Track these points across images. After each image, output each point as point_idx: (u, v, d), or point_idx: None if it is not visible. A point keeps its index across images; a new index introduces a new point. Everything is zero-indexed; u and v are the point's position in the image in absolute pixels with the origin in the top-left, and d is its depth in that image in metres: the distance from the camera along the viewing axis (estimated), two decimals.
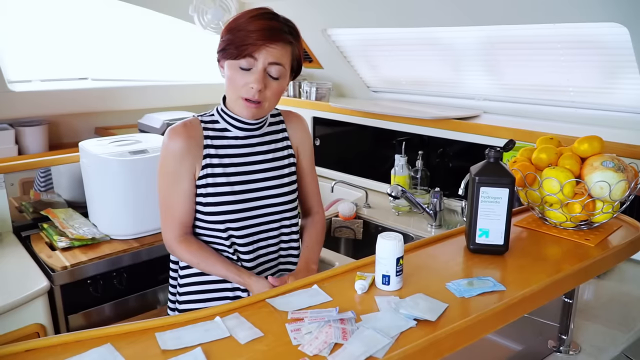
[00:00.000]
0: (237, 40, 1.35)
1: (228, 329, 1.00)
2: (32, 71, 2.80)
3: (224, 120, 1.47)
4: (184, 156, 1.42)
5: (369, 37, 2.72)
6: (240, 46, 1.34)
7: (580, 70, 2.15)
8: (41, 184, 2.40)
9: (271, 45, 1.35)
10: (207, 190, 1.44)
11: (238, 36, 1.35)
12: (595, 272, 1.38)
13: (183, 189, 1.44)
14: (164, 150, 1.45)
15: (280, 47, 1.37)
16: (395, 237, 1.15)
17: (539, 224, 1.52)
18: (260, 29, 1.34)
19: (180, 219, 1.46)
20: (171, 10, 2.86)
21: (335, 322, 1.01)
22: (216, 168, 1.45)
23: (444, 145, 2.46)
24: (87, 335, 0.99)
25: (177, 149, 1.42)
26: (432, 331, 0.99)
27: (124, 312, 2.12)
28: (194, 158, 1.43)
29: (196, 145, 1.43)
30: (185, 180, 1.44)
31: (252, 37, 1.34)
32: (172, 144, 1.43)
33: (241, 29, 1.35)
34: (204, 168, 1.44)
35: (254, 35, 1.34)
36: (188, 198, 1.45)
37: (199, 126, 1.45)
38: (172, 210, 1.46)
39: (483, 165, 1.32)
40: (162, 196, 1.47)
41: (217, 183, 1.44)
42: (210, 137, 1.46)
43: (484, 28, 2.27)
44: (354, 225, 2.41)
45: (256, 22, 1.35)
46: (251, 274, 1.46)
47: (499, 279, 1.21)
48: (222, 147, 1.46)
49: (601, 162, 1.40)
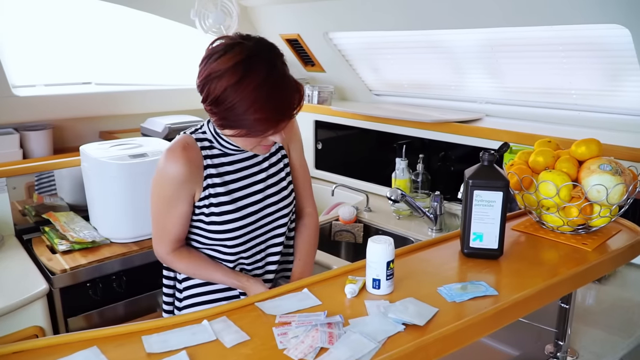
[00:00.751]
0: (247, 124, 1.25)
1: (215, 333, 1.00)
2: (36, 76, 2.82)
3: (217, 141, 1.41)
4: (185, 181, 1.36)
5: (371, 41, 2.72)
6: (257, 130, 1.26)
7: (582, 72, 2.13)
8: (39, 187, 2.40)
9: (294, 115, 1.30)
10: (211, 210, 1.40)
11: (248, 122, 1.24)
12: (592, 276, 1.37)
13: (179, 212, 1.39)
14: (161, 173, 1.37)
15: (300, 105, 1.31)
16: (386, 241, 1.14)
17: (536, 228, 1.50)
18: (280, 110, 1.25)
19: (174, 236, 1.42)
20: (173, 14, 2.87)
21: (322, 326, 1.00)
22: (218, 187, 1.40)
23: (445, 148, 2.44)
24: (74, 338, 0.99)
25: (177, 174, 1.34)
26: (420, 336, 0.98)
27: (124, 315, 2.12)
28: (195, 183, 1.37)
29: (196, 168, 1.37)
30: (182, 204, 1.38)
31: (270, 123, 1.26)
32: (171, 168, 1.35)
33: (249, 113, 1.22)
34: (205, 189, 1.39)
35: (273, 120, 1.25)
36: (184, 219, 1.41)
37: (196, 147, 1.38)
38: (166, 229, 1.41)
39: (477, 169, 1.31)
40: (156, 217, 1.42)
41: (220, 202, 1.40)
42: (209, 156, 1.40)
43: (485, 31, 2.25)
44: (354, 229, 2.40)
45: (269, 104, 1.23)
46: (249, 276, 1.46)
47: (493, 283, 1.19)
48: (222, 164, 1.42)
49: (598, 165, 1.38)
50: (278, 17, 2.91)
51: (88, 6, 2.73)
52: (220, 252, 1.46)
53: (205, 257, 1.46)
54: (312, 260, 1.64)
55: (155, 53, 3.12)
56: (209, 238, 1.44)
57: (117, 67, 3.05)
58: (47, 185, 2.43)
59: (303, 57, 3.11)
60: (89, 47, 2.91)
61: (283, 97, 1.25)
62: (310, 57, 3.04)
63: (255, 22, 3.11)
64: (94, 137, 2.99)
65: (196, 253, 1.46)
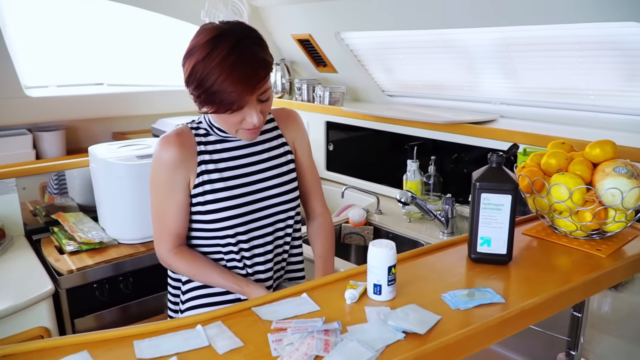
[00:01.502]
0: (216, 100, 1.25)
1: (208, 338, 0.97)
2: (49, 77, 2.84)
3: (212, 130, 1.42)
4: (178, 166, 1.37)
5: (384, 41, 2.68)
6: (223, 103, 1.25)
7: (600, 72, 2.06)
8: (54, 188, 2.41)
9: (257, 86, 1.26)
10: (206, 197, 1.39)
11: (217, 97, 1.24)
12: (605, 284, 1.31)
13: (177, 201, 1.39)
14: (156, 160, 1.39)
15: (265, 79, 1.29)
16: (387, 245, 1.10)
17: (549, 233, 1.45)
18: (238, 79, 1.23)
19: (174, 231, 1.41)
20: (184, 15, 2.87)
21: (318, 333, 0.97)
22: (213, 174, 1.40)
23: (458, 150, 2.39)
24: (64, 342, 0.97)
25: (170, 159, 1.36)
26: (420, 345, 0.94)
27: (130, 316, 2.11)
28: (188, 168, 1.38)
29: (190, 153, 1.38)
30: (179, 191, 1.39)
31: (235, 94, 1.24)
32: (164, 153, 1.37)
33: (217, 89, 1.23)
34: (199, 175, 1.39)
35: (235, 90, 1.23)
36: (182, 210, 1.40)
37: (190, 134, 1.41)
38: (166, 222, 1.41)
39: (485, 171, 1.27)
40: (155, 208, 1.42)
41: (215, 189, 1.40)
42: (203, 143, 1.41)
43: (500, 29, 2.20)
44: (364, 231, 2.36)
45: (228, 72, 1.22)
46: (249, 281, 1.43)
47: (500, 290, 1.15)
48: (217, 151, 1.42)
49: (613, 168, 1.33)
50: (289, 17, 2.89)
51: (100, 7, 2.74)
52: (220, 244, 1.43)
53: (206, 259, 1.44)
54: (333, 258, 1.62)
55: (166, 54, 3.11)
56: (207, 230, 1.43)
57: (129, 68, 3.06)
58: (59, 186, 2.44)
59: (315, 58, 3.08)
60: (101, 48, 2.92)
61: (246, 70, 1.24)
62: (322, 58, 3.01)
63: (266, 22, 3.09)
64: (107, 137, 3.00)
65: (197, 254, 1.44)
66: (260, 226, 1.45)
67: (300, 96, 3.11)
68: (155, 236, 1.45)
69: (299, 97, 3.12)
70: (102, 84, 3.00)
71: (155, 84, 3.11)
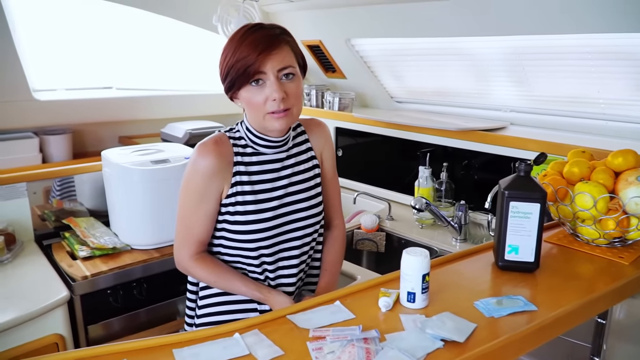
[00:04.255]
0: (239, 69, 1.30)
1: (247, 347, 0.98)
2: (57, 80, 2.82)
3: (249, 139, 1.42)
4: (214, 175, 1.36)
5: (394, 47, 2.69)
6: (244, 71, 1.30)
7: (611, 81, 2.08)
8: (58, 192, 2.38)
9: (272, 52, 1.30)
10: (236, 208, 1.38)
11: (237, 65, 1.30)
12: (630, 291, 1.32)
13: (206, 210, 1.38)
14: (192, 167, 1.37)
15: (281, 49, 1.32)
16: (422, 253, 1.11)
17: (570, 240, 1.46)
18: (253, 44, 1.28)
19: (199, 237, 1.41)
20: (195, 20, 2.86)
21: (358, 341, 0.97)
22: (245, 186, 1.39)
23: (469, 157, 2.40)
24: (104, 351, 0.97)
25: (208, 168, 1.35)
26: (460, 353, 0.95)
27: (143, 323, 2.10)
28: (224, 178, 1.37)
29: (227, 162, 1.37)
30: (211, 200, 1.38)
31: (252, 56, 1.28)
32: (202, 161, 1.36)
33: (237, 58, 1.30)
34: (233, 186, 1.38)
35: (251, 54, 1.28)
36: (210, 218, 1.40)
37: (228, 142, 1.39)
38: (192, 229, 1.40)
39: (513, 179, 1.27)
40: (183, 213, 1.41)
41: (246, 201, 1.38)
42: (240, 154, 1.40)
43: (512, 38, 2.22)
44: (376, 237, 2.37)
45: (246, 42, 1.29)
46: (270, 289, 1.42)
47: (530, 298, 1.16)
48: (252, 164, 1.41)
49: (636, 177, 1.35)
50: (300, 23, 2.89)
51: (110, 11, 2.73)
52: (244, 255, 1.42)
53: (227, 266, 1.43)
54: (338, 273, 1.60)
55: (176, 58, 3.11)
56: (233, 240, 1.41)
57: (138, 72, 3.04)
58: (68, 190, 2.42)
59: (324, 64, 3.08)
60: (110, 52, 2.91)
61: (262, 36, 1.30)
62: (331, 64, 3.02)
63: None
64: (113, 141, 2.99)
65: (218, 261, 1.44)
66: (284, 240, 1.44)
67: (309, 102, 3.12)
68: (178, 241, 1.44)
69: (307, 102, 3.13)
70: (110, 88, 2.99)
71: (165, 88, 3.10)
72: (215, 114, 3.13)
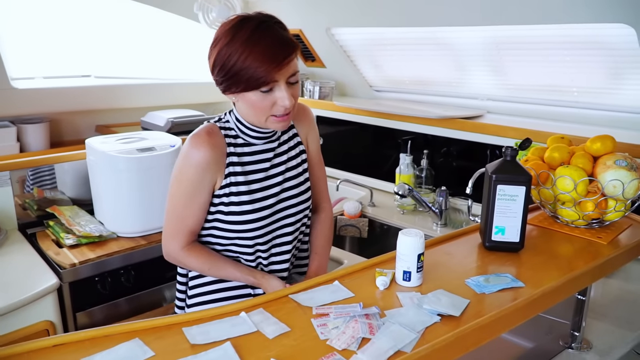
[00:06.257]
0: (250, 77, 1.26)
1: (254, 324, 1.01)
2: (35, 68, 2.78)
3: (239, 130, 1.41)
4: (209, 167, 1.35)
5: (373, 37, 2.74)
6: (256, 80, 1.26)
7: (585, 70, 2.17)
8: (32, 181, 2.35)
9: (286, 61, 1.28)
10: (230, 199, 1.39)
11: (248, 73, 1.25)
12: (609, 269, 1.41)
13: (200, 201, 1.38)
14: (185, 158, 1.36)
15: (292, 57, 1.30)
16: (417, 234, 1.16)
17: (551, 222, 1.54)
18: (268, 55, 1.25)
19: (191, 228, 1.41)
20: (176, 8, 2.85)
21: (360, 317, 1.02)
22: (239, 176, 1.39)
23: (447, 144, 2.47)
24: (114, 330, 0.99)
25: (201, 160, 1.34)
26: (457, 326, 1.01)
27: (132, 309, 2.11)
28: (217, 169, 1.37)
29: (220, 154, 1.37)
30: (204, 192, 1.37)
31: (266, 68, 1.24)
32: (195, 153, 1.34)
33: (247, 65, 1.25)
34: (226, 177, 1.38)
35: (265, 65, 1.24)
36: (203, 209, 1.40)
37: (220, 134, 1.38)
38: (184, 221, 1.39)
39: (500, 163, 1.33)
40: (175, 205, 1.40)
41: (240, 192, 1.39)
42: (232, 144, 1.40)
43: (488, 28, 2.28)
44: (359, 223, 2.42)
45: (258, 49, 1.24)
46: (264, 273, 1.44)
47: (516, 275, 1.22)
48: (244, 154, 1.41)
49: (614, 161, 1.42)
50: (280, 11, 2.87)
51: None
52: (238, 244, 1.44)
53: (218, 254, 1.44)
54: (328, 255, 1.64)
55: (156, 47, 3.09)
56: (226, 230, 1.42)
57: (117, 60, 3.02)
58: (47, 179, 2.40)
59: (304, 53, 3.11)
60: (89, 40, 2.88)
61: (272, 45, 1.26)
62: (311, 53, 3.05)
63: None
64: (91, 131, 2.96)
65: (209, 250, 1.44)
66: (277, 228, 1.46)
67: None
68: (168, 232, 1.42)
69: None
70: (89, 76, 2.96)
71: (144, 76, 3.08)
72: (195, 103, 3.12)
